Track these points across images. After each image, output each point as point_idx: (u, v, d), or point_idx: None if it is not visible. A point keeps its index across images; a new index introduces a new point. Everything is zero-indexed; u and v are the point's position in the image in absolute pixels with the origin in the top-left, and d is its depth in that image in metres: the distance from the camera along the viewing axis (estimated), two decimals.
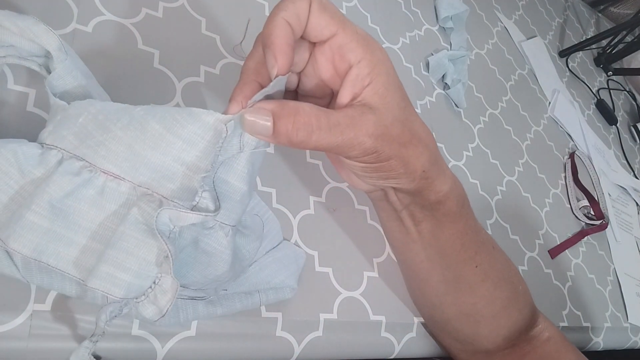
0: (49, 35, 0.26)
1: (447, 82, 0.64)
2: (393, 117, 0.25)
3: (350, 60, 0.24)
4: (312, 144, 0.23)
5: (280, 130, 0.22)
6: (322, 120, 0.23)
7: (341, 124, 0.23)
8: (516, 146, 0.70)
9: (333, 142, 0.23)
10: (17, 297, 0.27)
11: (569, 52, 0.95)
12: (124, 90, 0.36)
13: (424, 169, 0.27)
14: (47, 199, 0.23)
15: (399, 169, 0.26)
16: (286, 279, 0.35)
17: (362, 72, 0.24)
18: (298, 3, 0.23)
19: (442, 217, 0.30)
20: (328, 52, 0.25)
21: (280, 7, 0.23)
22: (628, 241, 0.79)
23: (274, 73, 0.23)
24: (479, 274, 0.33)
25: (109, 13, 0.38)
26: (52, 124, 0.25)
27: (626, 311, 0.68)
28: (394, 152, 0.25)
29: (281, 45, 0.22)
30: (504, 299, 0.36)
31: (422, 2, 0.69)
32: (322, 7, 0.23)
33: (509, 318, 0.37)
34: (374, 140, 0.24)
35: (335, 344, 0.38)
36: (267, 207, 0.38)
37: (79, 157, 0.24)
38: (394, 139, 0.25)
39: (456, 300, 0.34)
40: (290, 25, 0.23)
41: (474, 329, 0.37)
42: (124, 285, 0.24)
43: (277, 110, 0.22)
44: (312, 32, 0.24)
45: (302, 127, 0.22)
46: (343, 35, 0.24)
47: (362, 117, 0.24)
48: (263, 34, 0.23)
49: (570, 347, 0.40)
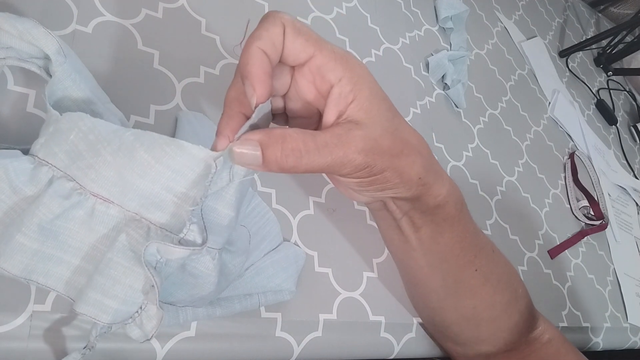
0: (48, 38, 0.26)
1: (447, 82, 0.64)
2: (382, 129, 0.25)
3: (330, 79, 0.24)
4: (302, 167, 0.23)
5: (270, 159, 0.22)
6: (310, 143, 0.23)
7: (329, 144, 0.23)
8: (516, 146, 0.70)
9: (323, 163, 0.23)
10: (17, 298, 0.27)
11: (569, 52, 0.95)
12: (124, 91, 0.36)
13: (420, 175, 0.27)
14: (37, 222, 0.24)
15: (394, 180, 0.26)
16: (284, 282, 0.35)
17: (344, 89, 0.24)
18: (271, 30, 0.23)
19: (442, 221, 0.30)
20: (308, 75, 0.25)
21: (254, 36, 0.23)
22: (628, 241, 0.79)
23: (254, 102, 0.23)
24: (479, 277, 0.33)
25: (108, 14, 0.38)
26: (45, 136, 0.25)
27: (626, 311, 0.68)
28: (387, 164, 0.25)
29: (258, 75, 0.22)
30: (504, 302, 0.36)
31: (422, 3, 0.69)
32: (296, 30, 0.24)
33: (509, 321, 0.37)
34: (364, 156, 0.24)
35: (334, 344, 0.38)
36: (267, 208, 0.38)
37: (70, 177, 0.25)
38: (385, 151, 0.25)
39: (456, 305, 0.34)
40: (266, 54, 0.23)
41: (475, 332, 0.37)
42: (110, 311, 0.24)
43: (264, 139, 0.22)
44: (289, 56, 0.24)
45: (291, 153, 0.22)
46: (320, 56, 0.24)
47: (349, 134, 0.24)
48: (240, 64, 0.23)
49: (571, 348, 0.40)
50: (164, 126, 0.37)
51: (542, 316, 0.41)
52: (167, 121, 0.37)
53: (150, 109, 0.37)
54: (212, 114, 0.40)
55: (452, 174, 0.57)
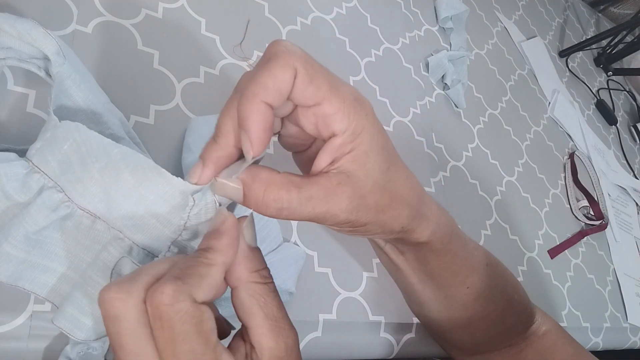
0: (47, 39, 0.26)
1: (446, 82, 0.64)
2: (372, 183, 0.24)
3: (334, 130, 0.23)
4: (283, 217, 0.23)
5: (250, 201, 0.22)
6: (294, 195, 0.22)
7: (313, 197, 0.23)
8: (516, 146, 0.70)
9: (304, 215, 0.23)
10: (17, 298, 0.27)
11: (569, 52, 0.95)
12: (124, 91, 0.36)
13: (402, 225, 0.27)
14: (23, 233, 0.24)
15: (376, 231, 0.26)
16: (284, 282, 0.35)
17: (345, 140, 0.23)
18: (280, 77, 0.21)
19: (426, 252, 0.30)
20: (312, 117, 0.23)
21: (259, 82, 0.21)
22: (627, 241, 0.79)
23: (249, 157, 0.22)
24: (471, 293, 0.33)
25: (108, 14, 0.38)
26: (41, 142, 0.25)
27: (625, 311, 0.69)
28: (370, 219, 0.25)
29: (258, 134, 0.21)
30: (499, 311, 0.36)
31: (422, 3, 0.69)
32: (309, 78, 0.21)
33: (505, 325, 0.37)
34: (347, 214, 0.24)
35: (334, 344, 0.38)
36: None
37: (60, 188, 0.25)
38: (372, 207, 0.24)
39: (450, 316, 0.35)
40: (271, 106, 0.21)
41: (471, 338, 0.37)
42: (85, 329, 0.25)
43: (248, 180, 0.22)
44: (294, 99, 0.22)
45: (272, 203, 0.22)
46: (329, 105, 0.22)
47: (337, 189, 0.23)
48: (240, 113, 0.21)
49: (568, 339, 0.40)
50: (164, 126, 0.37)
51: (539, 309, 0.41)
52: (167, 121, 0.37)
53: (150, 109, 0.37)
54: (212, 114, 0.40)
55: (452, 174, 0.57)
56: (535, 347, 0.39)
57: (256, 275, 0.23)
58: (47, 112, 0.32)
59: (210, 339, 0.20)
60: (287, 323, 0.23)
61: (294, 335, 0.23)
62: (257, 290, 0.23)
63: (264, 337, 0.22)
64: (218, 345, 0.21)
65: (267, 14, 0.49)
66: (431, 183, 0.54)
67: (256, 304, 0.22)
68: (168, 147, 0.36)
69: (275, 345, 0.22)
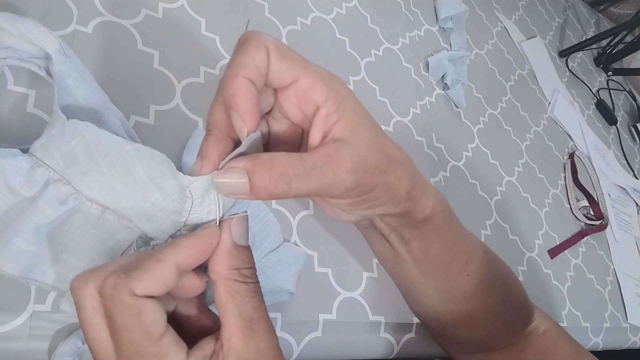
0: (49, 37, 0.26)
1: (446, 82, 0.64)
2: (367, 147, 0.25)
3: (317, 101, 0.24)
4: (293, 192, 0.22)
5: (258, 187, 0.22)
6: (298, 166, 0.22)
7: (317, 165, 0.23)
8: (516, 146, 0.70)
9: (314, 186, 0.23)
10: (17, 298, 0.27)
11: (569, 52, 0.95)
12: (124, 91, 0.36)
13: (408, 189, 0.27)
14: (32, 227, 0.24)
15: (383, 197, 0.26)
16: (283, 282, 0.35)
17: (329, 110, 0.24)
18: (255, 55, 0.22)
19: (431, 233, 0.30)
20: (293, 97, 0.24)
21: (238, 62, 0.22)
22: (627, 241, 0.79)
23: (244, 134, 0.22)
24: (472, 281, 0.33)
25: (108, 14, 0.38)
26: (46, 137, 0.25)
27: (625, 311, 0.69)
28: (377, 182, 0.25)
29: (246, 107, 0.22)
30: (499, 303, 0.36)
31: (422, 3, 0.69)
32: (281, 54, 0.23)
33: (505, 320, 0.37)
34: (354, 175, 0.24)
35: (334, 344, 0.38)
36: (267, 209, 0.38)
37: (65, 180, 0.25)
38: (374, 168, 0.25)
39: (451, 309, 0.35)
40: (253, 82, 0.22)
41: (471, 334, 0.37)
42: None
43: (250, 166, 0.22)
44: (273, 79, 0.23)
45: (280, 178, 0.22)
46: (306, 78, 0.24)
47: (337, 153, 0.23)
48: (226, 94, 0.22)
49: (567, 338, 0.41)
50: (164, 126, 0.37)
51: (538, 308, 0.41)
52: (167, 121, 0.37)
53: (150, 109, 0.37)
54: None
55: (452, 174, 0.57)
56: (534, 347, 0.39)
57: (235, 273, 0.23)
58: (47, 112, 0.32)
59: (151, 332, 0.20)
60: (264, 326, 0.23)
61: (268, 340, 0.23)
62: (234, 288, 0.22)
63: (234, 337, 0.22)
64: (164, 338, 0.21)
65: (267, 14, 0.49)
66: (431, 183, 0.54)
67: (232, 302, 0.22)
68: (168, 147, 0.36)
69: (243, 346, 0.22)
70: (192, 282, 0.23)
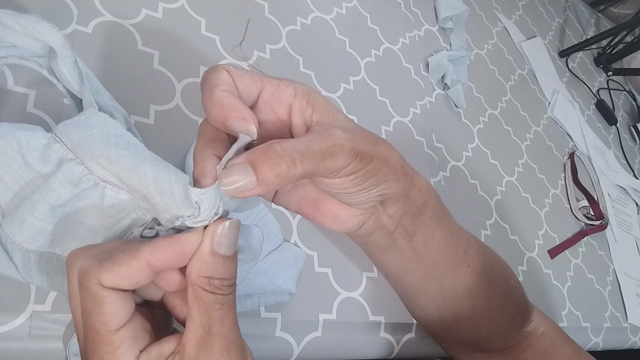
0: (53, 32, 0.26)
1: (446, 82, 0.64)
2: (349, 126, 0.26)
3: (287, 99, 0.25)
4: (299, 170, 0.22)
5: (265, 174, 0.21)
6: (296, 144, 0.23)
7: (314, 139, 0.23)
8: (516, 146, 0.70)
9: (317, 158, 0.23)
10: (17, 298, 0.27)
11: (569, 52, 0.95)
12: (124, 91, 0.36)
13: (401, 163, 0.28)
14: (48, 207, 0.24)
15: (383, 168, 0.26)
16: (284, 283, 0.35)
17: (301, 103, 0.25)
18: (220, 76, 0.23)
19: (430, 219, 0.30)
20: (265, 107, 0.25)
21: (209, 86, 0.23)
22: (627, 241, 0.79)
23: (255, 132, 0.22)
24: (472, 273, 0.34)
25: (108, 14, 0.38)
26: (73, 120, 0.25)
27: (625, 311, 0.69)
28: (373, 151, 0.25)
29: (239, 108, 0.22)
30: (499, 295, 0.36)
31: (422, 3, 0.69)
32: (240, 72, 0.24)
33: (507, 314, 0.38)
34: (350, 142, 0.24)
35: (334, 344, 0.38)
36: (266, 209, 0.38)
37: (79, 160, 0.25)
38: (366, 140, 0.25)
39: (454, 306, 0.35)
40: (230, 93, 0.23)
41: (474, 331, 0.37)
42: None
43: (250, 157, 0.22)
44: (242, 94, 0.24)
45: (281, 159, 0.22)
46: (269, 83, 0.25)
47: (328, 130, 0.24)
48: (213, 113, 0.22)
49: (566, 339, 0.41)
50: (164, 126, 0.37)
51: (536, 308, 0.42)
52: (167, 121, 0.37)
53: (150, 109, 0.37)
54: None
55: (452, 174, 0.57)
56: (534, 348, 0.39)
57: (204, 281, 0.22)
58: (47, 112, 0.32)
59: (108, 322, 0.21)
60: (221, 341, 0.22)
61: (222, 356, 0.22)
62: (201, 295, 0.22)
63: (189, 343, 0.22)
64: (121, 331, 0.21)
65: (267, 14, 0.49)
66: (431, 183, 0.54)
67: (196, 308, 0.22)
68: (168, 147, 0.36)
69: (194, 356, 0.22)
70: (173, 278, 0.23)
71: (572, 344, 0.41)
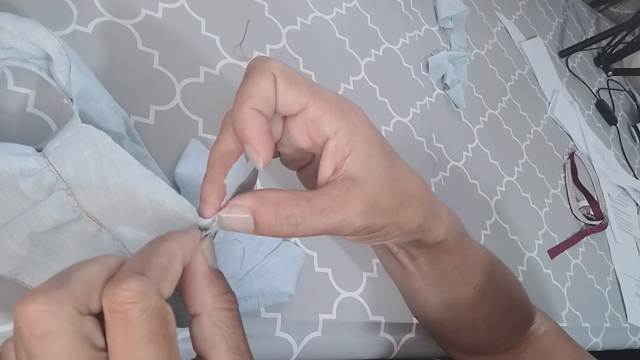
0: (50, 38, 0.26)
1: (446, 82, 0.64)
2: (380, 184, 0.24)
3: (326, 132, 0.23)
4: (299, 234, 0.22)
5: (263, 227, 0.21)
6: (305, 209, 0.21)
7: (326, 207, 0.22)
8: (516, 146, 0.70)
9: (321, 228, 0.22)
10: (17, 298, 0.27)
11: (569, 52, 0.95)
12: (124, 91, 0.36)
13: (419, 223, 0.26)
14: (28, 232, 0.24)
15: (393, 233, 0.25)
16: (283, 285, 0.35)
17: (340, 142, 0.23)
18: (262, 84, 0.21)
19: (439, 253, 0.30)
20: (302, 126, 0.23)
21: (244, 94, 0.21)
22: (627, 241, 0.79)
23: (261, 167, 0.21)
24: (477, 294, 0.33)
25: (108, 14, 0.38)
26: (61, 140, 0.24)
27: (625, 311, 0.69)
28: (387, 222, 0.24)
29: (258, 138, 0.21)
30: (502, 309, 0.36)
31: (422, 3, 0.69)
32: (288, 80, 0.22)
33: (507, 325, 0.37)
34: (363, 218, 0.23)
35: (334, 344, 0.38)
36: None
37: (70, 191, 0.25)
38: (385, 209, 0.24)
39: (454, 317, 0.35)
40: (261, 112, 0.21)
41: (473, 338, 0.37)
42: None
43: (255, 206, 0.21)
44: (281, 107, 0.22)
45: (286, 221, 0.21)
46: (314, 107, 0.22)
47: (348, 194, 0.22)
48: (235, 128, 0.21)
49: (567, 339, 0.40)
50: (164, 126, 0.37)
51: (539, 310, 0.41)
52: (167, 121, 0.37)
53: (150, 109, 0.37)
54: (212, 114, 0.40)
55: (452, 174, 0.57)
56: (534, 349, 0.39)
57: (222, 300, 0.21)
58: (47, 112, 0.32)
59: (174, 344, 0.17)
60: (251, 357, 0.21)
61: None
62: (222, 318, 0.21)
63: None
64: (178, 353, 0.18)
65: (267, 14, 0.49)
66: (431, 183, 0.54)
67: (219, 334, 0.20)
68: (168, 147, 0.36)
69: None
70: None
71: (572, 343, 0.40)
